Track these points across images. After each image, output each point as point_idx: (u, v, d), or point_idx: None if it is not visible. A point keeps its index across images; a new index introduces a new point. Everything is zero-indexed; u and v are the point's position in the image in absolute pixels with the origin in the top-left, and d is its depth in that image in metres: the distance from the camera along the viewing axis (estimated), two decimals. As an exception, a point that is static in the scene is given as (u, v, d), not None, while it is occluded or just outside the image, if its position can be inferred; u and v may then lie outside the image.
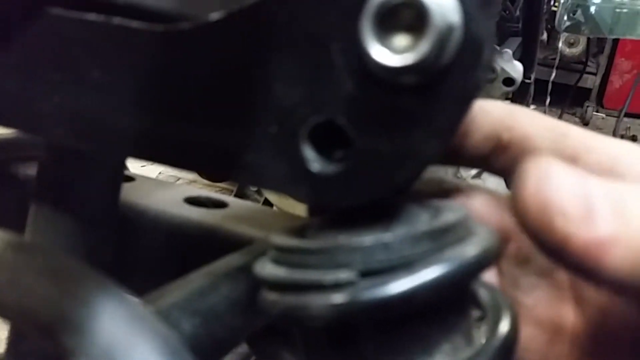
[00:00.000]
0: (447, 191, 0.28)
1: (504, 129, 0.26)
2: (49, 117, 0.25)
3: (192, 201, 0.43)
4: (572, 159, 0.25)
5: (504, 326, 0.22)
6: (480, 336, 0.22)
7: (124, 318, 0.16)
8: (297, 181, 0.21)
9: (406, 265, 0.20)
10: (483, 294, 0.24)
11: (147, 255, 0.41)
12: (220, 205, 0.44)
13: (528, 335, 0.26)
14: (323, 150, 0.21)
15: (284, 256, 0.22)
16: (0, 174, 0.45)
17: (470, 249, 0.20)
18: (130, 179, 0.48)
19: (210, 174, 0.23)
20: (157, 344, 0.16)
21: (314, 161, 0.21)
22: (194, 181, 1.82)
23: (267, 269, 0.22)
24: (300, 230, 0.24)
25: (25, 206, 0.35)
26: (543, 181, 0.18)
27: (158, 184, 0.47)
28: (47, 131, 0.26)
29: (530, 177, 0.19)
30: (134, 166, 0.53)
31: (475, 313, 0.23)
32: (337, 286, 0.20)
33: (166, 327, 0.17)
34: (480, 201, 0.28)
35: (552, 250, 0.19)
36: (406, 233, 0.20)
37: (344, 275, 0.20)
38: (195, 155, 0.23)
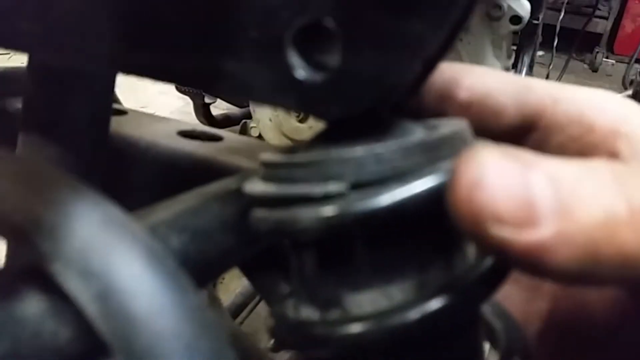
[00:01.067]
0: None
1: (463, 88, 0.25)
2: (29, 32, 0.24)
3: (186, 134, 0.42)
4: (537, 112, 0.24)
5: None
6: (476, 252, 0.21)
7: (101, 222, 0.15)
8: (283, 90, 0.20)
9: (398, 177, 0.19)
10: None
11: (140, 188, 0.40)
12: (215, 138, 0.43)
13: (506, 293, 0.26)
14: (309, 57, 0.20)
15: (273, 172, 0.21)
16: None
17: None
18: (123, 112, 0.47)
19: (193, 85, 0.22)
20: (138, 248, 0.15)
21: (300, 68, 0.20)
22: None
23: (256, 186, 0.22)
24: (291, 149, 0.24)
25: (16, 140, 0.35)
26: (475, 184, 0.16)
27: (151, 118, 0.46)
28: (28, 47, 0.25)
29: (462, 180, 0.16)
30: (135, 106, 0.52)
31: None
32: (326, 198, 0.19)
33: (149, 236, 0.16)
34: None
35: (493, 254, 0.18)
36: (399, 144, 0.19)
37: (334, 186, 0.19)
38: (178, 65, 0.22)
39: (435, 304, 0.19)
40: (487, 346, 0.24)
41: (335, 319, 0.20)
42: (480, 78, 0.25)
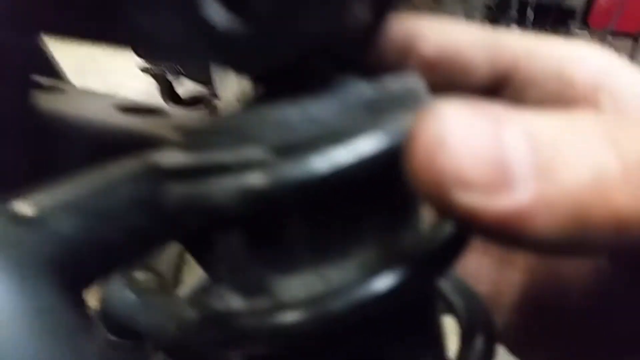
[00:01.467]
0: None
1: (428, 42, 0.22)
2: None
3: (124, 109, 0.38)
4: (511, 68, 0.21)
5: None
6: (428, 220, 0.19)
7: None
8: (197, 43, 0.17)
9: (334, 138, 0.16)
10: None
11: (70, 165, 0.36)
12: (157, 113, 0.39)
13: (477, 263, 0.24)
14: (229, 4, 0.17)
15: (191, 139, 0.18)
16: None
17: (409, 121, 0.16)
18: (61, 90, 0.43)
19: (91, 37, 0.19)
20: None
21: (217, 17, 0.16)
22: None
23: (171, 156, 0.18)
24: (216, 116, 0.20)
25: None
26: (438, 144, 0.13)
27: (89, 94, 0.42)
28: None
29: (421, 139, 0.14)
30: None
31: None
32: (244, 166, 0.16)
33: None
34: None
35: (460, 224, 0.15)
36: (337, 103, 0.16)
37: (251, 152, 0.16)
38: (81, 16, 0.18)
39: (379, 284, 0.16)
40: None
41: (264, 308, 0.17)
42: (447, 31, 0.22)
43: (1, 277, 0.11)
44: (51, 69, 0.53)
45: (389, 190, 0.18)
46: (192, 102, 1.29)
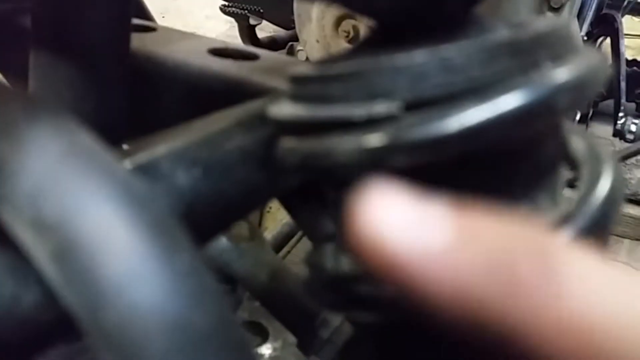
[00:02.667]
0: None
1: None
2: None
3: (218, 52, 0.37)
4: None
5: (603, 187, 0.16)
6: (570, 198, 0.16)
7: (63, 153, 0.11)
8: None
9: (474, 92, 0.14)
10: (577, 144, 0.18)
11: (167, 108, 0.36)
12: (250, 57, 0.38)
13: None
14: None
15: (303, 89, 0.16)
16: (5, 25, 0.41)
17: (566, 70, 0.14)
18: (152, 29, 0.43)
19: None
20: (110, 188, 0.11)
21: None
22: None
23: (283, 108, 0.17)
24: (329, 59, 0.19)
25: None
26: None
27: (182, 35, 0.42)
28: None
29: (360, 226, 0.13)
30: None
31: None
32: (371, 122, 0.14)
33: (128, 170, 0.12)
34: None
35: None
36: (475, 46, 0.14)
37: (382, 107, 0.14)
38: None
39: None
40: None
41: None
42: None
43: (139, 230, 0.11)
44: (140, 8, 0.53)
45: (530, 154, 0.16)
46: (271, 45, 1.28)
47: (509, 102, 0.13)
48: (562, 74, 0.14)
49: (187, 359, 0.10)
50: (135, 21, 0.40)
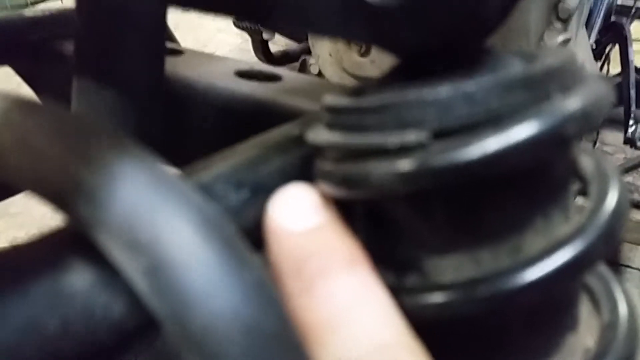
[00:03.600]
0: None
1: None
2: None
3: (244, 74, 0.40)
4: None
5: (611, 202, 0.18)
6: (581, 212, 0.18)
7: (148, 183, 0.13)
8: (351, 18, 0.17)
9: (493, 121, 0.16)
10: (586, 162, 0.20)
11: (197, 131, 0.39)
12: (274, 78, 0.40)
13: None
14: None
15: (339, 118, 0.18)
16: (44, 51, 0.43)
17: (575, 101, 0.16)
18: (179, 52, 0.45)
19: (249, 18, 0.20)
20: (191, 213, 0.13)
21: None
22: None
23: (320, 135, 0.19)
24: (359, 90, 0.21)
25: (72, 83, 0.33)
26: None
27: (208, 57, 0.44)
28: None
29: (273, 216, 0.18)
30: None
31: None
32: (404, 150, 0.16)
33: (201, 195, 0.14)
34: None
35: None
36: (494, 81, 0.16)
37: (412, 136, 0.16)
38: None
39: (533, 273, 0.16)
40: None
41: (413, 286, 0.18)
42: None
43: (216, 248, 0.13)
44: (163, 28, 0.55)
45: (543, 175, 0.17)
46: (284, 59, 1.31)
47: (524, 131, 0.15)
48: (571, 104, 0.16)
49: (261, 358, 0.12)
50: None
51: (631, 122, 1.16)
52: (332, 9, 0.18)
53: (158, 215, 0.13)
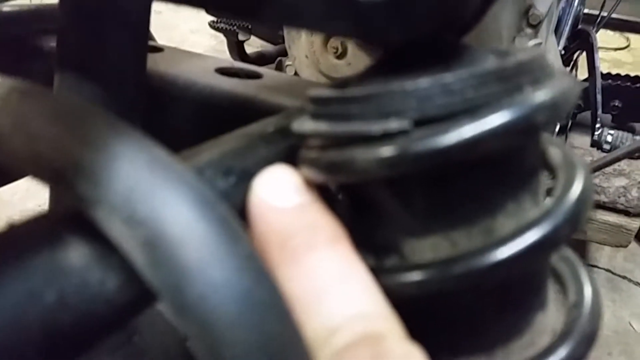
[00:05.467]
0: None
1: None
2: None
3: (224, 71, 0.40)
4: None
5: (577, 187, 0.19)
6: (550, 197, 0.19)
7: (147, 164, 0.14)
8: (337, 13, 0.18)
9: (469, 111, 0.17)
10: (554, 152, 0.21)
11: (178, 127, 0.39)
12: (254, 75, 0.41)
13: None
14: None
15: (323, 109, 0.19)
16: (24, 47, 0.43)
17: (544, 93, 0.17)
18: (159, 49, 0.45)
19: (236, 13, 0.20)
20: (187, 192, 0.14)
21: None
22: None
23: (305, 124, 0.20)
24: (342, 83, 0.22)
25: (52, 78, 0.34)
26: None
27: (188, 55, 0.45)
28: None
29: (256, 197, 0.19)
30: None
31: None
32: (386, 137, 0.17)
33: (195, 176, 0.15)
34: None
35: None
36: (470, 73, 0.17)
37: (395, 123, 0.17)
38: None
39: (504, 252, 0.17)
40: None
41: (393, 266, 0.19)
42: None
43: (210, 223, 0.13)
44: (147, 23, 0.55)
45: (514, 162, 0.19)
46: (260, 60, 1.31)
47: (497, 119, 0.16)
48: (540, 96, 0.17)
49: (252, 326, 0.13)
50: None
51: (598, 125, 1.20)
52: (317, 4, 0.18)
53: (155, 191, 0.13)
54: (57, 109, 0.15)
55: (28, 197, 1.43)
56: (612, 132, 1.19)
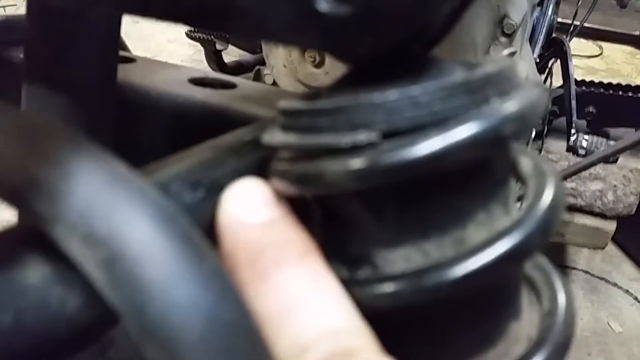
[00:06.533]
0: None
1: None
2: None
3: (198, 82, 0.40)
4: None
5: (547, 197, 0.19)
6: (520, 207, 0.20)
7: (105, 179, 0.14)
8: (304, 26, 0.18)
9: (437, 123, 0.17)
10: (524, 162, 0.21)
11: (152, 138, 0.38)
12: (228, 86, 0.40)
13: None
14: None
15: (293, 121, 0.19)
16: (-8, 57, 0.42)
17: (511, 104, 0.17)
18: (131, 60, 0.45)
19: (204, 25, 0.20)
20: (147, 208, 0.13)
21: (324, 2, 0.17)
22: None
23: (275, 136, 0.20)
24: (312, 95, 0.21)
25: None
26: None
27: (161, 65, 0.44)
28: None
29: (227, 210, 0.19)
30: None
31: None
32: (355, 149, 0.17)
33: (157, 191, 0.14)
34: None
35: None
36: (437, 86, 0.17)
37: (363, 136, 0.17)
38: (186, 3, 0.20)
39: (475, 261, 0.17)
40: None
41: (365, 278, 0.19)
42: None
43: (172, 240, 0.13)
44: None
45: (483, 172, 0.19)
46: (238, 69, 1.31)
47: (464, 131, 0.16)
48: (507, 107, 0.17)
49: (218, 347, 0.13)
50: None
51: (573, 131, 1.22)
52: (285, 17, 0.18)
53: (114, 208, 0.13)
54: (13, 123, 0.15)
55: (2, 208, 1.40)
56: (587, 137, 1.21)
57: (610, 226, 1.33)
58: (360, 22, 0.18)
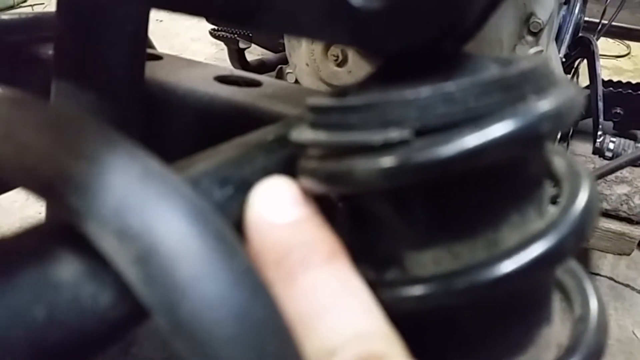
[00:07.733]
0: None
1: None
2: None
3: (223, 79, 0.40)
4: None
5: (582, 199, 0.19)
6: (554, 208, 0.19)
7: (139, 175, 0.14)
8: (335, 20, 0.17)
9: (471, 120, 0.16)
10: (559, 162, 0.20)
11: (178, 135, 0.39)
12: (253, 83, 0.40)
13: None
14: None
15: (323, 118, 0.19)
16: (21, 55, 0.43)
17: (549, 102, 0.17)
18: (158, 57, 0.45)
19: (234, 20, 0.20)
20: (181, 204, 0.13)
21: None
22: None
23: (304, 134, 0.20)
24: (341, 92, 0.21)
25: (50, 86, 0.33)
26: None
27: (187, 63, 0.44)
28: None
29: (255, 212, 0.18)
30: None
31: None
32: (387, 147, 0.16)
33: (193, 191, 0.14)
34: None
35: None
36: (472, 82, 0.17)
37: (395, 133, 0.16)
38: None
39: (508, 265, 0.17)
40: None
41: (394, 280, 0.18)
42: None
43: (205, 237, 0.13)
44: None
45: (518, 172, 0.18)
46: (260, 68, 1.31)
47: (500, 129, 0.16)
48: (544, 105, 0.17)
49: (250, 345, 0.12)
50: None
51: (600, 133, 1.19)
52: (315, 11, 0.18)
53: (148, 204, 0.13)
54: (47, 119, 0.15)
55: (28, 205, 1.42)
56: (614, 139, 1.19)
57: (637, 231, 1.30)
58: (393, 17, 0.18)
